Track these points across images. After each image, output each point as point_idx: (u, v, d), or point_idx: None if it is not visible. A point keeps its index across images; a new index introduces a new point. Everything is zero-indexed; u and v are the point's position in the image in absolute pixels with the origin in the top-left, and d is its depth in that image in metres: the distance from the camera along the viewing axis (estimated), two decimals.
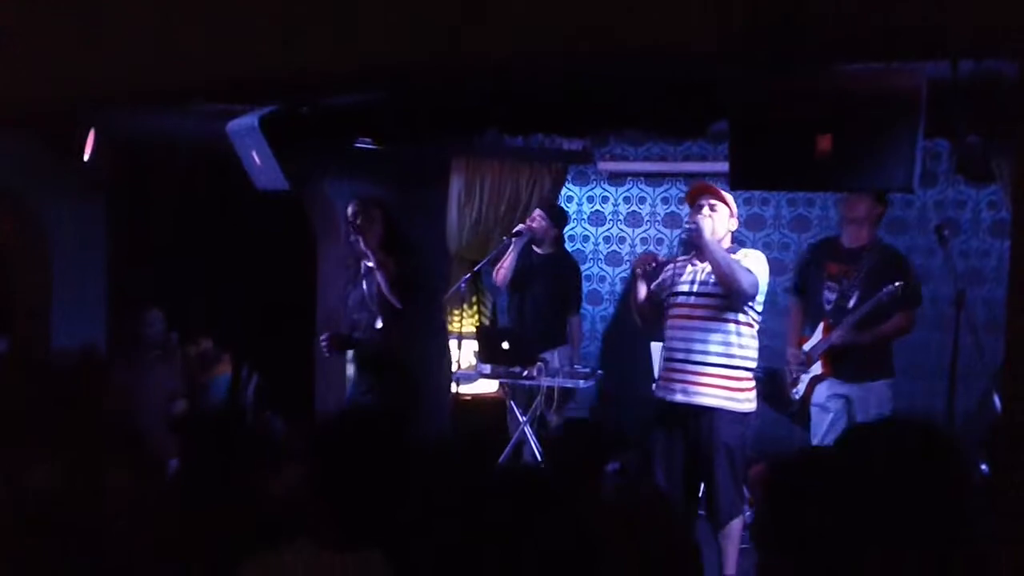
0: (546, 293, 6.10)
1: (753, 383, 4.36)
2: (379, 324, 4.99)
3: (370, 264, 4.92)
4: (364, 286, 5.04)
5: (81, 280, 6.45)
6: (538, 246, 6.16)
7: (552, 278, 6.11)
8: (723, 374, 4.24)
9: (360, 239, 4.85)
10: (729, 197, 4.35)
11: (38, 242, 6.45)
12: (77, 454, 2.48)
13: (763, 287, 4.27)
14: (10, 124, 4.66)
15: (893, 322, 4.65)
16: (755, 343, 4.34)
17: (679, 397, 4.33)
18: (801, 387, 4.76)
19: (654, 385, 4.61)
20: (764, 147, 3.07)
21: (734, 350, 4.26)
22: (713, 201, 4.30)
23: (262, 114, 4.31)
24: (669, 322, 4.44)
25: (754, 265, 4.24)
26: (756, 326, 4.33)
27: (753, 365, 4.34)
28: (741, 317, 4.27)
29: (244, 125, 4.46)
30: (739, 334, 4.27)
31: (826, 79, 2.95)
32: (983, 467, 3.78)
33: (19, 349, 5.45)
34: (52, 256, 6.45)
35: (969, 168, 4.89)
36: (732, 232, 4.41)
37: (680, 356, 4.34)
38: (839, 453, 1.49)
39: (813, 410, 4.75)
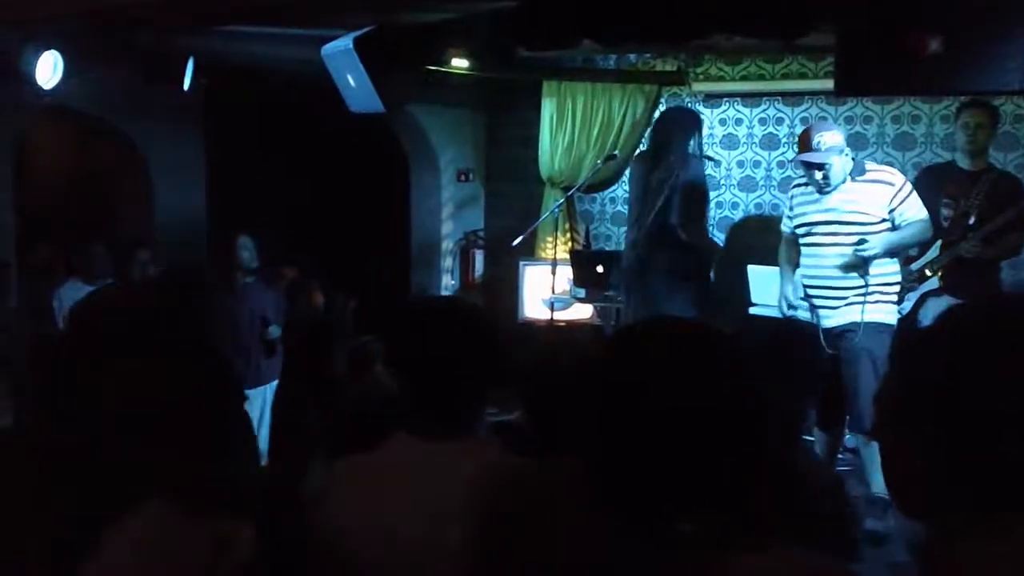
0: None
1: (896, 296, 4.33)
2: None
3: None
4: None
5: (183, 206, 6.66)
6: None
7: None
8: (862, 294, 4.20)
9: None
10: (831, 139, 4.10)
11: (139, 170, 6.66)
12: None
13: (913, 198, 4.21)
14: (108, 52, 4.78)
15: (1008, 241, 4.59)
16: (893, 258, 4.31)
17: (820, 320, 4.33)
18: (907, 305, 4.64)
19: (751, 308, 4.54)
20: (870, 51, 2.98)
21: (868, 268, 4.20)
22: (824, 163, 4.11)
23: (357, 36, 4.34)
24: (803, 250, 4.41)
25: (912, 207, 4.16)
26: None
27: (894, 279, 4.30)
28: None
29: (339, 48, 4.50)
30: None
31: None
32: None
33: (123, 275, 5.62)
34: (153, 184, 6.66)
35: None
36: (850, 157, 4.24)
37: (817, 282, 4.34)
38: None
39: (923, 325, 4.66)
